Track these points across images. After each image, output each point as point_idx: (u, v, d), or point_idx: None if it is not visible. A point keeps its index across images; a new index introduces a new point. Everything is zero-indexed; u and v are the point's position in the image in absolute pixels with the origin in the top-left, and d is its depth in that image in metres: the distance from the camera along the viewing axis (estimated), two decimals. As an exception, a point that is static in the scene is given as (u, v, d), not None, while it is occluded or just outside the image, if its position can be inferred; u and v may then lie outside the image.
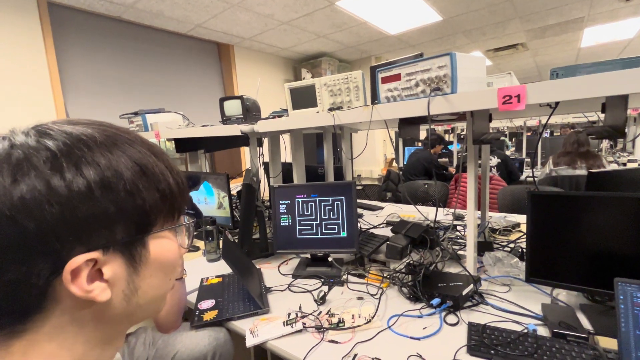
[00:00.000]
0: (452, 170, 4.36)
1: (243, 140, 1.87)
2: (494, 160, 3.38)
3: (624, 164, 4.29)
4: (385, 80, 1.06)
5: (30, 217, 0.30)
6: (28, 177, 0.31)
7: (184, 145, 2.21)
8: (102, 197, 0.33)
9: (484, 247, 1.32)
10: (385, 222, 1.89)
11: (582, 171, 2.83)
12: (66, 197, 0.31)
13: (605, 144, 5.06)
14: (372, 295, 1.10)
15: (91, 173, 0.33)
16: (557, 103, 0.90)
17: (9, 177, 0.31)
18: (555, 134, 7.22)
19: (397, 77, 1.02)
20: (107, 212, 0.34)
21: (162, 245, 0.41)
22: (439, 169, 4.06)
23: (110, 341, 0.41)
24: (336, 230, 1.30)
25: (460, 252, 1.35)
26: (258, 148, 1.72)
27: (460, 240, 1.52)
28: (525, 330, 0.84)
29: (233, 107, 1.69)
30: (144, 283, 0.39)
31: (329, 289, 1.15)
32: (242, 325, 0.98)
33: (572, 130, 4.44)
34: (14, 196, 0.30)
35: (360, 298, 1.09)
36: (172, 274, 0.44)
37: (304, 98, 1.36)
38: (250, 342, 0.90)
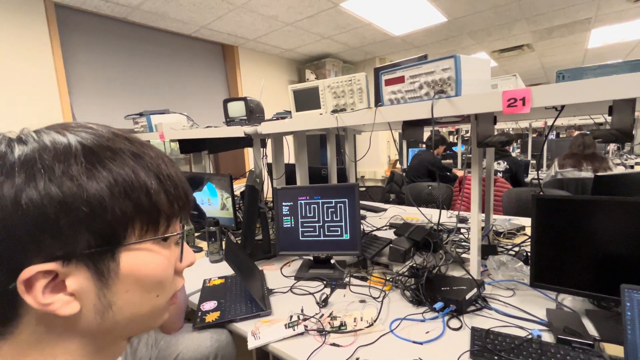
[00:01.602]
0: (455, 171, 4.32)
1: (246, 141, 1.87)
2: (502, 165, 3.32)
3: (632, 167, 4.24)
4: (389, 82, 1.05)
5: None
6: None
7: (188, 146, 2.22)
8: (52, 206, 0.31)
9: (488, 250, 1.31)
10: (388, 224, 1.89)
11: (587, 173, 2.79)
12: (13, 205, 0.30)
13: (612, 146, 5.00)
14: (374, 298, 1.09)
15: (44, 183, 0.31)
16: (563, 106, 0.89)
17: None
18: (561, 136, 7.16)
19: (400, 80, 1.01)
20: (58, 223, 0.32)
21: (139, 258, 0.37)
22: (443, 170, 4.04)
23: (101, 352, 0.39)
24: (339, 233, 1.30)
25: (463, 255, 1.34)
26: (261, 149, 1.72)
27: (464, 244, 1.51)
28: (530, 336, 0.83)
29: (237, 109, 1.69)
30: (119, 299, 0.37)
31: (331, 292, 1.14)
32: (244, 327, 0.98)
33: (578, 132, 4.39)
34: None
35: (362, 301, 1.08)
36: (159, 290, 0.40)
37: (307, 100, 1.35)
38: (252, 344, 0.89)
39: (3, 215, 0.30)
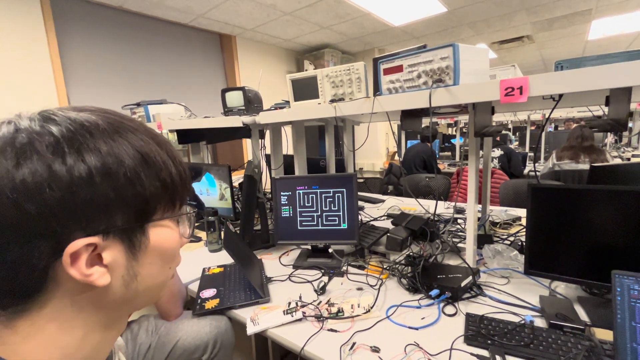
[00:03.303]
0: (441, 166, 4.50)
1: (245, 131, 1.87)
2: (497, 152, 3.38)
3: (628, 159, 4.26)
4: (387, 71, 1.05)
5: (31, 200, 0.31)
6: (30, 160, 0.32)
7: (186, 136, 2.22)
8: (102, 183, 0.34)
9: (483, 239, 1.33)
10: (386, 214, 1.90)
11: (585, 165, 2.81)
12: (67, 181, 0.32)
13: (610, 138, 5.02)
14: (371, 286, 1.11)
15: (92, 159, 0.34)
16: (560, 96, 0.89)
17: (13, 160, 0.32)
18: (559, 128, 7.17)
19: (399, 69, 1.01)
20: (107, 198, 0.34)
21: (162, 233, 0.41)
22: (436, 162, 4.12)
23: (110, 326, 0.42)
24: (337, 222, 1.31)
25: (460, 244, 1.35)
26: (260, 140, 1.72)
27: (460, 233, 1.52)
28: (523, 321, 0.85)
29: (235, 99, 1.69)
30: (143, 270, 0.40)
31: (329, 280, 1.16)
32: (243, 313, 0.99)
33: (576, 124, 4.41)
34: (16, 179, 0.31)
35: (359, 289, 1.10)
36: (171, 262, 0.45)
37: (305, 89, 1.35)
38: (251, 330, 0.91)
39: (61, 192, 0.32)
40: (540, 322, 0.87)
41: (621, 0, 3.43)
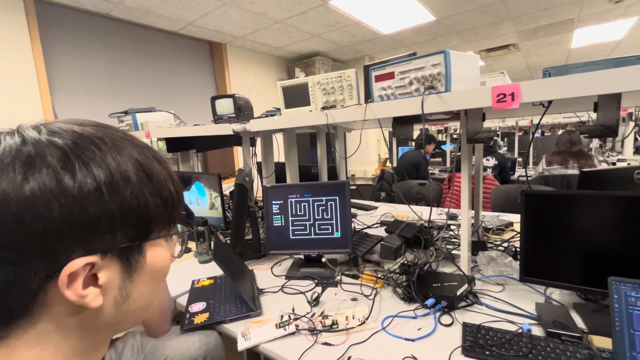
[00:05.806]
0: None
1: (236, 139, 1.84)
2: (492, 161, 3.41)
3: (613, 164, 4.36)
4: (379, 78, 1.04)
5: (38, 215, 0.30)
6: (39, 174, 0.30)
7: (176, 144, 2.18)
8: (110, 199, 0.33)
9: (477, 246, 1.32)
10: (379, 222, 1.88)
11: (573, 170, 2.85)
12: (76, 197, 0.31)
13: (594, 143, 5.14)
14: (366, 296, 1.08)
15: (101, 174, 0.33)
16: (550, 102, 0.90)
17: (21, 173, 0.30)
18: (546, 134, 7.32)
19: (390, 76, 1.01)
20: (113, 215, 0.33)
21: (157, 252, 0.40)
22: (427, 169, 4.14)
23: (92, 350, 0.39)
24: (330, 231, 1.29)
25: (454, 251, 1.34)
26: (251, 148, 1.69)
27: (454, 240, 1.51)
28: (520, 330, 0.83)
29: (225, 106, 1.66)
30: (136, 290, 0.39)
31: (323, 290, 1.13)
32: (234, 328, 0.96)
33: (563, 130, 4.50)
34: (24, 193, 0.29)
35: (354, 299, 1.08)
36: (161, 281, 0.44)
37: (297, 97, 1.34)
38: (242, 345, 0.88)
39: (69, 208, 0.31)
40: (537, 331, 0.85)
41: (602, 11, 3.55)
